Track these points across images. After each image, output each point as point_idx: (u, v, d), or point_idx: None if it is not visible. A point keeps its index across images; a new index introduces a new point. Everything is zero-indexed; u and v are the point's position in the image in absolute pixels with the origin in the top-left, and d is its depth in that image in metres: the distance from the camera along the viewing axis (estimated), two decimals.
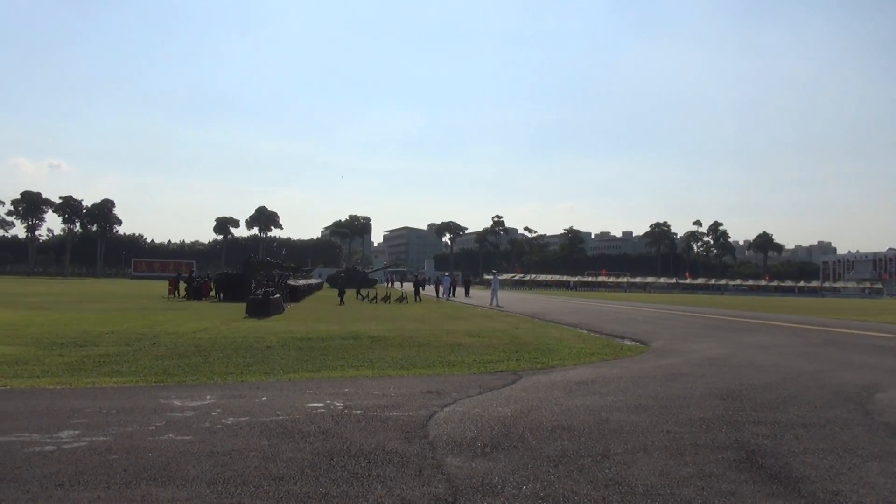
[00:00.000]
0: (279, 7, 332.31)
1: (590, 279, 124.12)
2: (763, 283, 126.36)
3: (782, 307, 44.20)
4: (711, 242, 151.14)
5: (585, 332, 18.64)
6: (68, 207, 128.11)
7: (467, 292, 50.18)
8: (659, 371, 10.45)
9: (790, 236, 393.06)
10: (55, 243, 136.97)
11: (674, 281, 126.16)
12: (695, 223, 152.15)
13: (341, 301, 34.52)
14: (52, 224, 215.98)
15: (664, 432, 6.22)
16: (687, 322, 23.72)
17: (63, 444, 5.44)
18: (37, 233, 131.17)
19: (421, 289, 41.62)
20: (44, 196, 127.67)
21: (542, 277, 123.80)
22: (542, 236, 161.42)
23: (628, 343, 15.52)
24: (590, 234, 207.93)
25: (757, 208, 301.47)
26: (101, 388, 8.26)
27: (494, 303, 35.11)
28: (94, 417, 6.46)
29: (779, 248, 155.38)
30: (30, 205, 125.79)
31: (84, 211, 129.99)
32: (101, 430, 5.95)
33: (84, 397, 7.60)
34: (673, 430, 6.30)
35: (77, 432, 5.84)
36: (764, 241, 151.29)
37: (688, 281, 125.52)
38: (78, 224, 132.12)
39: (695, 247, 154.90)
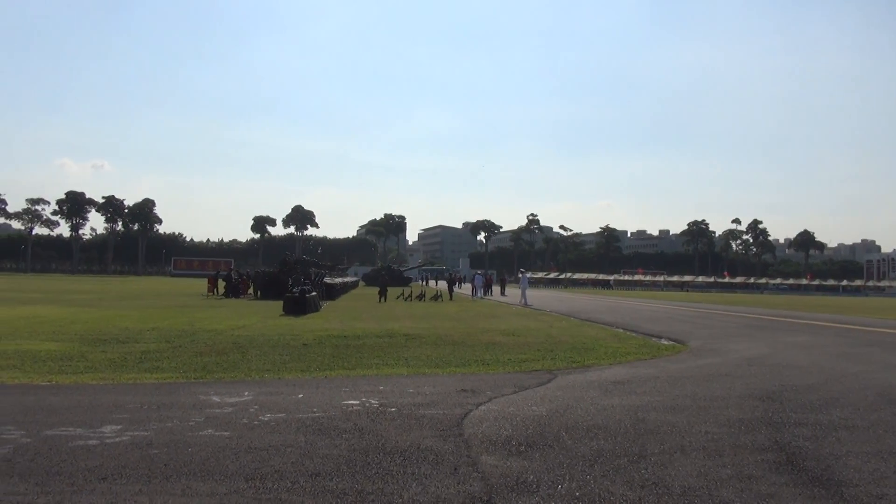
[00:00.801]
0: (315, 9, 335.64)
1: (626, 278, 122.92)
2: (804, 282, 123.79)
3: (824, 306, 43.24)
4: (751, 241, 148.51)
5: (621, 331, 18.45)
6: (111, 207, 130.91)
7: (503, 291, 50.04)
8: (697, 371, 10.31)
9: (832, 234, 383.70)
10: (98, 242, 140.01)
11: (712, 280, 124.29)
12: (733, 221, 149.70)
13: (383, 299, 34.93)
14: (96, 223, 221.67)
15: (702, 433, 6.13)
16: (725, 321, 23.35)
17: (106, 439, 5.57)
18: (80, 232, 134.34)
19: (454, 287, 41.64)
20: (87, 196, 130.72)
21: (578, 276, 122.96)
22: (578, 235, 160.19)
23: (665, 342, 15.33)
24: (626, 232, 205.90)
25: (798, 206, 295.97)
26: (143, 384, 8.43)
27: (523, 301, 34.99)
28: (136, 412, 6.60)
29: (821, 246, 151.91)
30: (74, 205, 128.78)
31: (126, 210, 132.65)
32: (142, 424, 6.08)
33: (126, 393, 7.77)
34: (711, 431, 6.20)
35: (119, 427, 5.97)
36: (805, 240, 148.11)
37: (726, 280, 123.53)
38: (120, 223, 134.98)
39: (733, 245, 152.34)
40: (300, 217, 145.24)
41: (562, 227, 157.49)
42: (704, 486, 4.64)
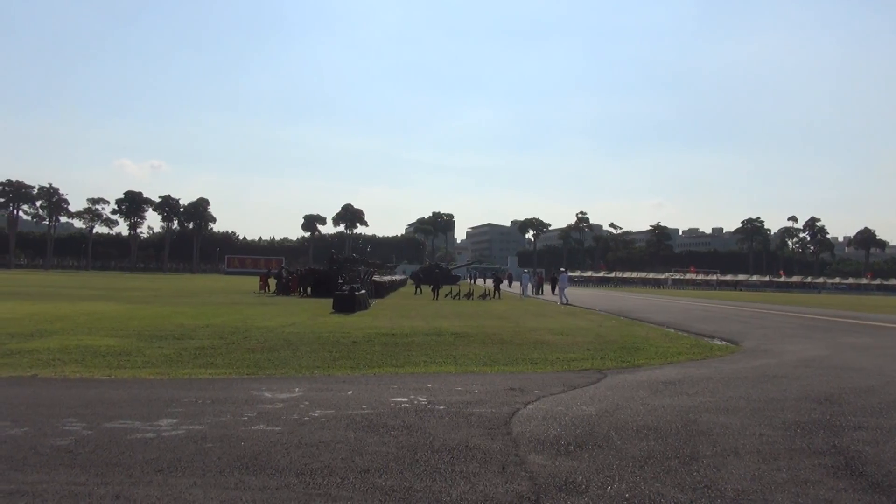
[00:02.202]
0: (365, 9, 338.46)
1: (678, 276, 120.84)
2: (864, 281, 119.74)
3: (885, 307, 41.77)
4: (808, 239, 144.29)
5: (673, 330, 18.17)
6: (167, 206, 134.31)
7: (554, 289, 49.59)
8: (751, 372, 10.08)
9: (895, 232, 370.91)
10: (155, 240, 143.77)
11: (767, 279, 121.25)
12: (789, 219, 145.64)
13: (435, 296, 35.12)
14: (153, 222, 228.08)
15: (756, 435, 6.00)
16: (781, 321, 22.76)
17: (162, 432, 5.72)
18: (138, 230, 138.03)
19: (501, 285, 41.59)
20: (144, 195, 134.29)
21: (628, 275, 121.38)
22: (628, 233, 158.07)
23: (718, 343, 15.04)
24: (677, 230, 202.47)
25: (858, 203, 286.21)
26: (197, 380, 8.64)
27: (563, 300, 34.74)
28: (191, 407, 6.76)
29: (882, 244, 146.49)
30: (132, 204, 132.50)
31: (181, 209, 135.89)
32: (196, 419, 6.23)
33: (181, 388, 7.97)
34: (766, 434, 6.06)
35: (175, 421, 6.13)
36: (866, 238, 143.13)
37: (782, 279, 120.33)
38: (176, 222, 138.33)
39: (790, 243, 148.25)
40: (350, 215, 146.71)
41: (612, 225, 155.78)
42: (758, 490, 4.54)
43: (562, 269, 49.95)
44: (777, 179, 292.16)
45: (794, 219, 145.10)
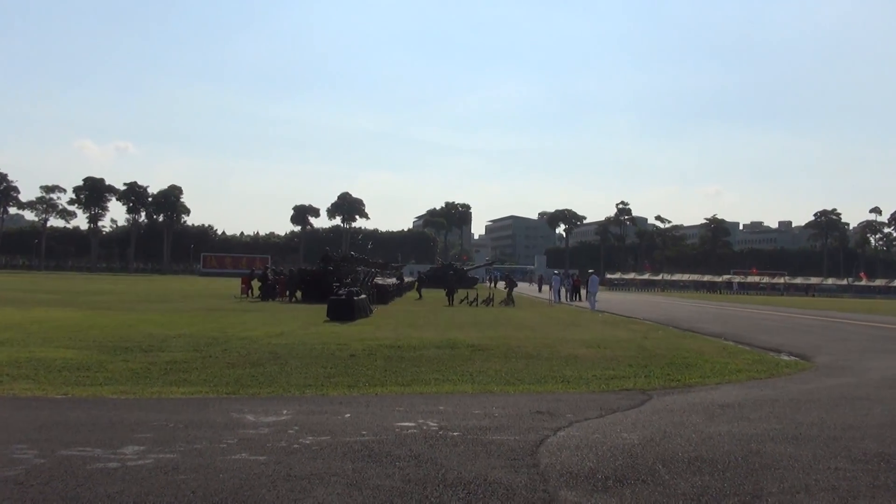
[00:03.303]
0: None
1: (738, 279, 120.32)
2: None
3: None
4: (894, 235, 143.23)
5: (731, 343, 18.11)
6: (133, 195, 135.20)
7: (578, 294, 49.35)
8: (825, 393, 10.02)
9: None
10: (119, 235, 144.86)
11: (845, 282, 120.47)
12: (872, 211, 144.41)
13: (450, 302, 35.20)
14: (117, 214, 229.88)
15: (831, 469, 5.96)
16: (861, 333, 22.62)
17: (127, 461, 5.76)
18: (100, 224, 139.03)
19: (514, 289, 41.60)
20: (107, 182, 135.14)
21: (677, 277, 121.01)
22: (678, 227, 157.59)
23: (785, 358, 14.99)
24: (737, 224, 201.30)
25: None
26: (168, 399, 8.70)
27: (593, 306, 34.70)
28: (161, 431, 6.81)
29: None
30: (92, 192, 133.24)
31: (150, 199, 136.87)
32: (168, 445, 6.27)
33: (150, 408, 8.03)
34: (843, 468, 6.02)
35: (142, 448, 6.18)
36: None
37: (863, 282, 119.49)
38: (143, 214, 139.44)
39: (872, 240, 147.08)
40: (347, 206, 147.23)
41: (658, 217, 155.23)
42: None
43: (590, 270, 49.84)
44: (857, 165, 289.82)
45: (877, 210, 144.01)
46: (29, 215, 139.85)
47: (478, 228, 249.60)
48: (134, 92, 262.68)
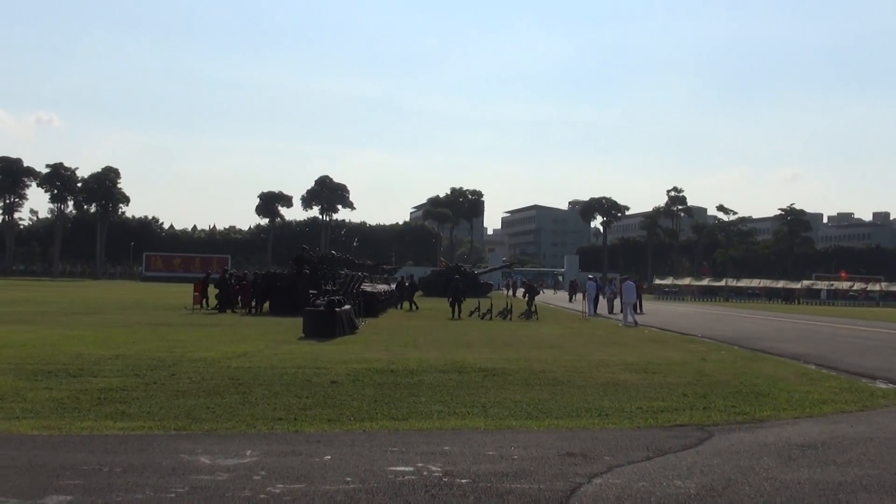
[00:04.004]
0: None
1: (821, 285, 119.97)
2: None
3: None
4: None
5: (813, 367, 18.06)
6: (58, 179, 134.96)
7: (638, 306, 48.99)
8: None
9: None
10: (40, 230, 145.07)
11: None
12: None
13: (455, 314, 35.38)
14: (37, 203, 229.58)
15: None
16: None
17: None
18: (16, 216, 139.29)
19: (535, 296, 41.55)
20: (25, 164, 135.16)
21: (745, 283, 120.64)
22: (745, 219, 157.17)
23: (882, 386, 14.93)
24: (820, 216, 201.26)
25: None
26: (102, 436, 8.69)
27: (629, 319, 34.64)
28: (93, 478, 6.80)
29: None
30: (6, 176, 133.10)
31: (79, 184, 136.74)
32: (101, 495, 6.26)
33: (79, 448, 8.02)
34: None
35: (69, 498, 6.17)
36: None
37: None
38: (71, 203, 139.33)
39: None
40: (328, 194, 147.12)
41: (721, 208, 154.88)
42: None
43: (625, 276, 49.79)
44: None
45: None
46: None
47: (492, 221, 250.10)
48: (58, 50, 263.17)
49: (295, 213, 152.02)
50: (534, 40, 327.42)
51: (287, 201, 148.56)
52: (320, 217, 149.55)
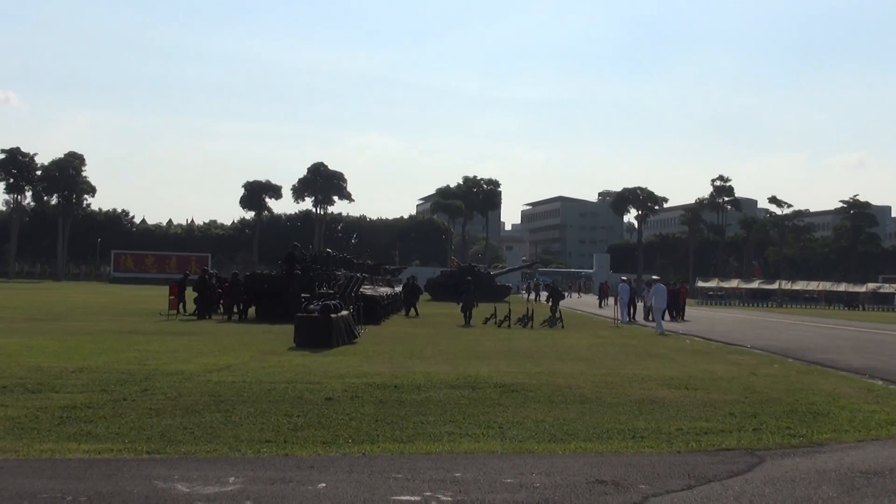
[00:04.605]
0: None
1: (889, 289, 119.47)
2: None
3: None
4: None
5: (879, 383, 18.04)
6: (14, 166, 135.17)
7: (680, 312, 48.73)
8: None
9: None
10: None
11: None
12: None
13: (467, 321, 35.54)
14: None
15: None
16: None
17: None
18: None
19: (560, 301, 41.59)
20: None
21: (801, 286, 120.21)
22: (802, 213, 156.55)
23: None
24: (888, 208, 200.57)
25: None
26: (65, 460, 8.71)
27: (658, 328, 34.59)
28: None
29: None
30: None
31: (39, 172, 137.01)
32: None
33: (38, 474, 8.04)
34: None
35: None
36: None
37: None
38: (29, 194, 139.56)
39: None
40: (322, 183, 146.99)
41: (773, 199, 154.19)
42: None
43: (654, 277, 49.54)
44: None
45: None
46: None
47: (511, 215, 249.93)
48: (16, 19, 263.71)
49: (285, 206, 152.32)
50: (560, 6, 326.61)
51: (276, 192, 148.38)
52: (314, 210, 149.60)
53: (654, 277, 44.81)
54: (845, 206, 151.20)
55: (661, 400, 14.11)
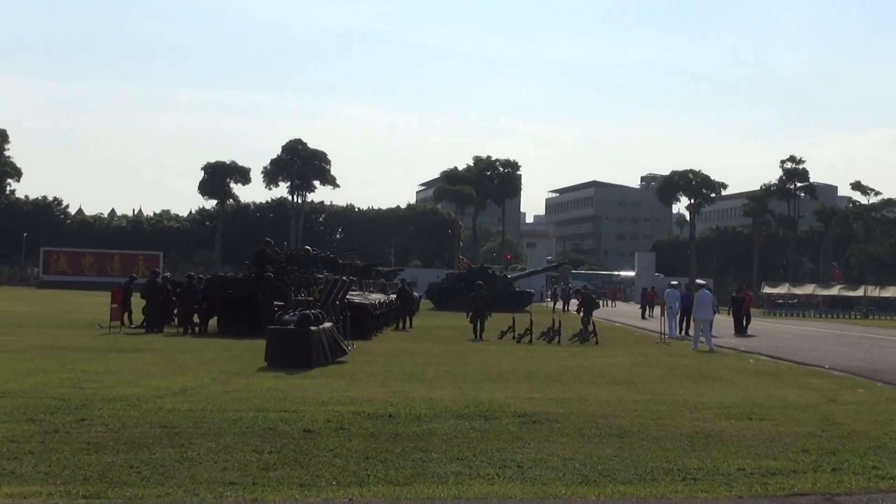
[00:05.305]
0: None
1: None
2: None
3: None
4: None
5: None
6: None
7: (744, 324, 48.59)
8: None
9: None
10: None
11: None
12: None
13: (478, 335, 35.69)
14: None
15: None
16: None
17: None
18: None
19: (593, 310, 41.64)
20: None
21: (891, 292, 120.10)
22: (892, 202, 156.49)
23: None
24: None
25: None
26: None
27: (701, 344, 34.51)
28: None
29: None
30: None
31: None
32: None
33: None
34: None
35: None
36: None
37: None
38: None
39: None
40: (300, 165, 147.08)
41: (856, 186, 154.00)
42: None
43: (700, 281, 49.77)
44: None
45: None
46: None
47: (533, 205, 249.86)
48: None
49: (254, 193, 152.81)
50: None
51: (243, 176, 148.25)
52: (289, 198, 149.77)
53: (700, 282, 44.81)
54: None
55: (719, 433, 14.10)
